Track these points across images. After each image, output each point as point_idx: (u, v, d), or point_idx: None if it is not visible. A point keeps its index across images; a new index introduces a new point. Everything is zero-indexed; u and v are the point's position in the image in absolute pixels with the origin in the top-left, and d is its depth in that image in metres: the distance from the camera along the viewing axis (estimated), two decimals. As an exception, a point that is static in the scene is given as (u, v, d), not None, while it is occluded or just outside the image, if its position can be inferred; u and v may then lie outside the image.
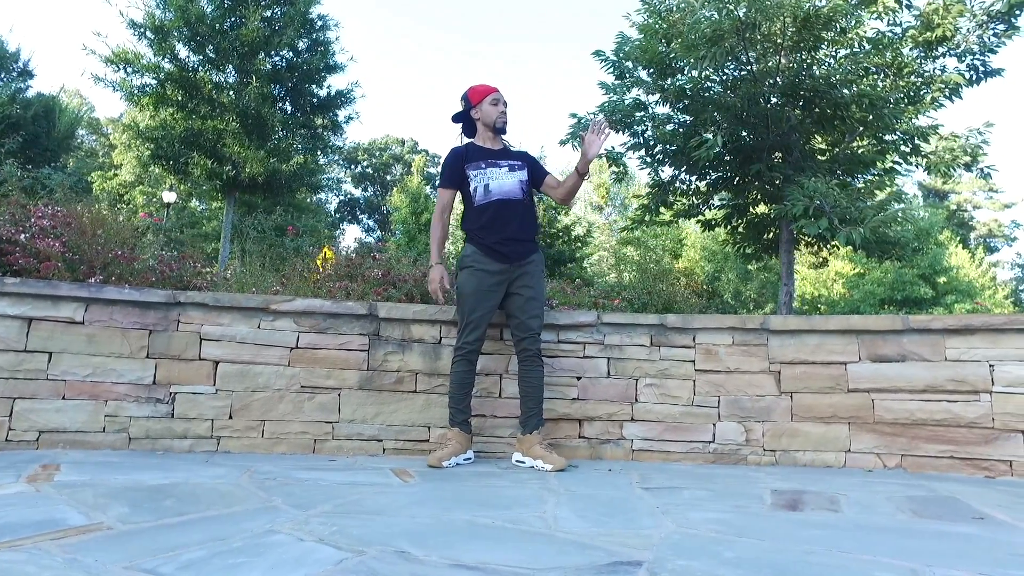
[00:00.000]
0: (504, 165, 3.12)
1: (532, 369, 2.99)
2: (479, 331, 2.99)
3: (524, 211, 3.11)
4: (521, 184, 3.12)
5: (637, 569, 1.43)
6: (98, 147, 28.42)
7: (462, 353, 2.98)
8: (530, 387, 2.98)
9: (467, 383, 3.00)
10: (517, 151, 3.29)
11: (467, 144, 3.21)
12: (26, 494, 2.00)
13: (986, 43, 5.89)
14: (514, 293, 3.03)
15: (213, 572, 1.33)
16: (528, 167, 3.18)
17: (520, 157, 3.22)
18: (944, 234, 20.78)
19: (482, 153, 3.15)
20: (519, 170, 3.14)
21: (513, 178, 3.10)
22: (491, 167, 3.10)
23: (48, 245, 3.58)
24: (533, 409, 2.99)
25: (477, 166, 3.11)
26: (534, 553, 1.55)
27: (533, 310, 3.01)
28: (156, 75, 10.30)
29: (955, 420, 3.05)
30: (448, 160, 3.17)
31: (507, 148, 3.25)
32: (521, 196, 3.11)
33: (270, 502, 2.05)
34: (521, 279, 3.03)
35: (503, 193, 3.06)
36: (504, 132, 3.20)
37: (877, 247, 6.28)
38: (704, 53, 5.21)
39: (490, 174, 3.09)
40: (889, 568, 1.48)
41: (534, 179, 3.19)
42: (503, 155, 3.17)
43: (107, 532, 1.62)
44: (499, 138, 3.22)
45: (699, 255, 18.68)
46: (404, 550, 1.53)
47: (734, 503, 2.23)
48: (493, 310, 3.04)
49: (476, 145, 3.18)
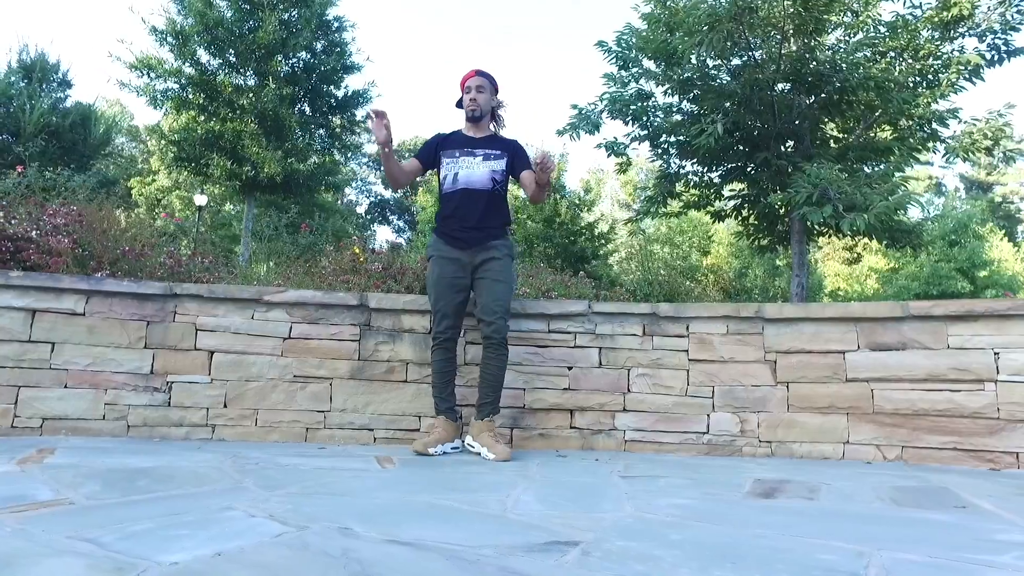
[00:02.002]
0: (480, 154, 3.08)
1: (493, 357, 2.95)
2: (448, 320, 2.98)
3: (489, 201, 3.05)
4: (492, 174, 3.07)
5: (572, 549, 1.42)
6: (137, 154, 29.37)
7: (436, 342, 2.99)
8: (488, 374, 2.96)
9: (447, 372, 3.00)
10: (505, 140, 3.21)
11: (456, 130, 3.22)
12: (11, 474, 2.09)
13: (1008, 21, 5.61)
14: (478, 279, 3.01)
15: (152, 541, 1.36)
16: (509, 157, 3.12)
17: (504, 146, 3.14)
18: (987, 227, 19.98)
19: (461, 141, 3.14)
20: (495, 159, 3.09)
21: (484, 168, 3.06)
22: (465, 156, 3.08)
23: (59, 242, 3.72)
24: (489, 396, 2.96)
25: (451, 155, 3.10)
26: (475, 532, 1.54)
27: (495, 294, 2.96)
28: (177, 79, 10.63)
29: (958, 410, 2.94)
30: (429, 139, 3.25)
31: (494, 135, 3.19)
32: (490, 187, 3.06)
33: (241, 483, 2.09)
34: (484, 264, 3.01)
35: (470, 183, 3.03)
36: (476, 120, 3.12)
37: (887, 235, 6.06)
38: (701, 39, 5.12)
39: (461, 163, 3.07)
40: (836, 551, 1.44)
41: (514, 170, 3.13)
42: (485, 143, 3.13)
43: (68, 507, 1.68)
44: (485, 125, 3.16)
45: (727, 251, 18.36)
46: (348, 527, 1.55)
47: (707, 491, 2.19)
48: (459, 298, 3.01)
49: (461, 132, 3.18)
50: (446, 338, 2.99)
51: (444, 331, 2.98)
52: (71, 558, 1.23)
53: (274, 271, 4.44)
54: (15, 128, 14.25)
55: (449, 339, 3.00)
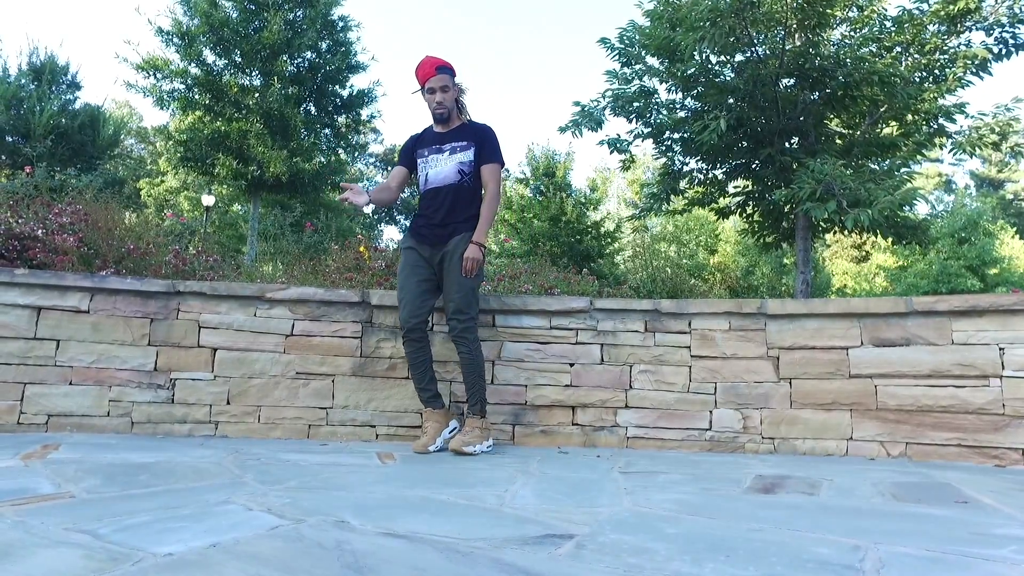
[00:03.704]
0: (447, 149, 3.05)
1: (461, 352, 2.93)
2: (406, 309, 2.92)
3: (456, 195, 3.00)
4: (459, 167, 3.01)
5: (566, 542, 1.41)
6: (146, 155, 29.58)
7: (403, 334, 2.94)
8: (463, 370, 2.95)
9: (419, 362, 2.96)
10: (475, 127, 3.09)
11: (427, 128, 3.18)
12: (14, 468, 2.11)
13: (1016, 14, 5.54)
14: (444, 274, 2.99)
15: (147, 533, 1.37)
16: (476, 147, 3.02)
17: (471, 136, 3.04)
18: (998, 223, 19.79)
19: (431, 139, 3.10)
20: (462, 151, 3.02)
21: (451, 162, 3.02)
22: (433, 153, 3.07)
23: (64, 240, 3.76)
24: (469, 392, 2.96)
25: (422, 154, 3.09)
26: (470, 526, 1.55)
27: (453, 288, 2.92)
28: (184, 80, 10.70)
29: (963, 406, 2.91)
30: (404, 143, 3.23)
31: (462, 126, 3.08)
32: (456, 180, 3.01)
33: (241, 478, 2.10)
34: (447, 258, 2.97)
35: (438, 181, 3.02)
36: (444, 120, 3.05)
37: (891, 230, 6.01)
38: (703, 34, 5.09)
39: (431, 161, 3.06)
40: (832, 544, 1.43)
41: (479, 159, 3.02)
42: (452, 136, 3.06)
43: (69, 500, 1.69)
44: (453, 119, 3.07)
45: (733, 249, 18.28)
46: (344, 520, 1.55)
47: (707, 486, 2.18)
48: (422, 288, 2.96)
49: (430, 130, 3.15)
50: (410, 328, 2.91)
51: (407, 320, 2.91)
52: (67, 549, 1.25)
53: (281, 271, 4.46)
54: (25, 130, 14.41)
55: (413, 329, 2.92)
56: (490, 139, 3.06)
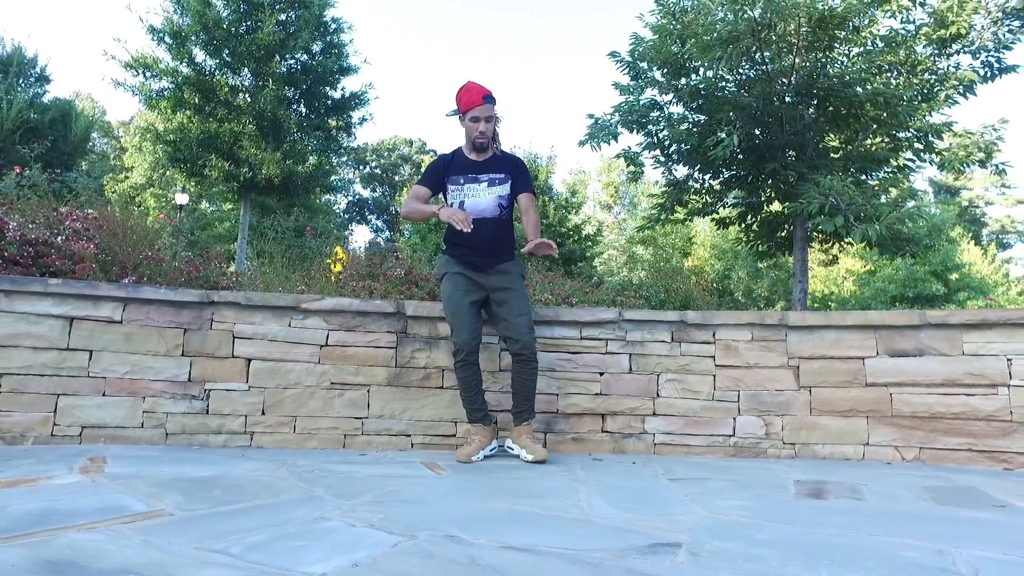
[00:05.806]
0: (484, 180, 3.09)
1: (526, 371, 3.01)
2: (465, 331, 2.97)
3: (497, 228, 3.07)
4: (499, 200, 3.08)
5: (677, 550, 1.51)
6: (109, 150, 28.69)
7: (459, 358, 2.98)
8: (521, 387, 3.03)
9: (472, 383, 3.02)
10: (507, 158, 3.18)
11: (455, 151, 3.22)
12: (83, 484, 2.10)
13: (1001, 40, 5.91)
14: (496, 301, 3.05)
15: (278, 552, 1.41)
16: (512, 179, 3.11)
17: (507, 168, 3.12)
18: (956, 230, 20.68)
19: (464, 166, 3.12)
20: (500, 184, 3.08)
21: (491, 195, 3.07)
22: (469, 183, 3.10)
23: (82, 247, 3.69)
24: (523, 404, 3.05)
25: (456, 181, 3.11)
26: (576, 537, 1.62)
27: (519, 312, 3.00)
28: (174, 79, 10.48)
29: (973, 413, 3.11)
30: (432, 164, 3.25)
31: (495, 157, 3.15)
32: (497, 213, 3.07)
33: (313, 492, 2.14)
34: (501, 286, 3.04)
35: (478, 211, 3.04)
36: (484, 149, 3.10)
37: (892, 243, 6.33)
38: (720, 54, 5.28)
39: (467, 191, 3.09)
40: (917, 549, 1.55)
41: (514, 190, 3.11)
42: (488, 167, 3.11)
43: (169, 518, 1.71)
44: (489, 147, 3.13)
45: (709, 253, 18.70)
46: (452, 534, 1.61)
47: (757, 492, 2.30)
48: (475, 309, 3.04)
49: (462, 155, 3.17)
50: (469, 351, 2.97)
51: (464, 344, 2.96)
52: (219, 569, 1.28)
53: (294, 277, 4.45)
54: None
55: (471, 352, 2.99)
56: (523, 171, 3.19)
